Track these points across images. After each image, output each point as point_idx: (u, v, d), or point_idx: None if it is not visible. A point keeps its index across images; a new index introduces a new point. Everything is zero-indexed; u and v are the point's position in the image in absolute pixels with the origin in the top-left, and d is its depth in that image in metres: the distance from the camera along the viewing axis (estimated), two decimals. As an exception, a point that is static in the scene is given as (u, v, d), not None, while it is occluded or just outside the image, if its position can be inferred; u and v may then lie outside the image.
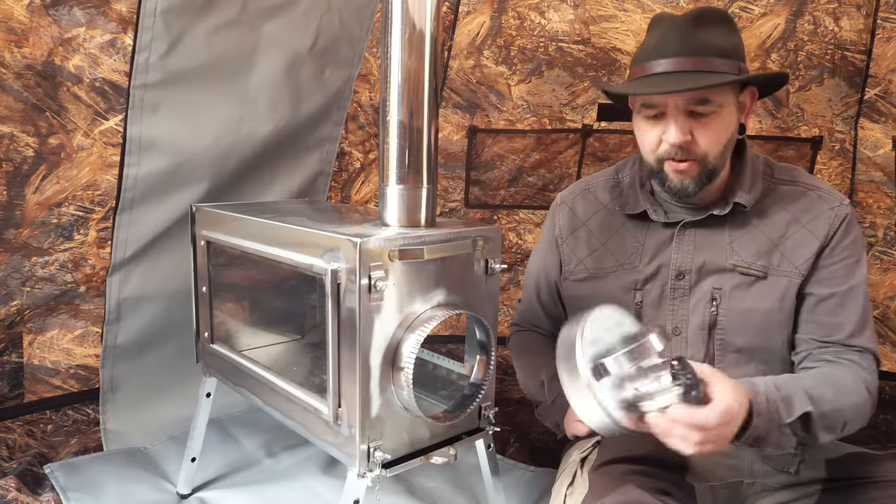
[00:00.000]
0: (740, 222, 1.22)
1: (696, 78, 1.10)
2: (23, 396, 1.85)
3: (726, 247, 1.22)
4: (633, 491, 1.03)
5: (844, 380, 1.11)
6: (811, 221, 1.20)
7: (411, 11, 1.08)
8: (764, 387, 1.03)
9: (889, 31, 2.10)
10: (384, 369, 1.07)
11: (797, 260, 1.19)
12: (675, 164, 1.17)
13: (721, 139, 1.16)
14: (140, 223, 1.77)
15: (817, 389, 1.07)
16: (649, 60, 1.16)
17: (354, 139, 2.32)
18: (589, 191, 1.40)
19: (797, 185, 1.24)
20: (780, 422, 1.01)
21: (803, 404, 1.03)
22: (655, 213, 1.26)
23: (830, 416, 1.06)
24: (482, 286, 1.21)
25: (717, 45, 1.12)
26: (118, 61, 1.67)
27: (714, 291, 1.21)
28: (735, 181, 1.23)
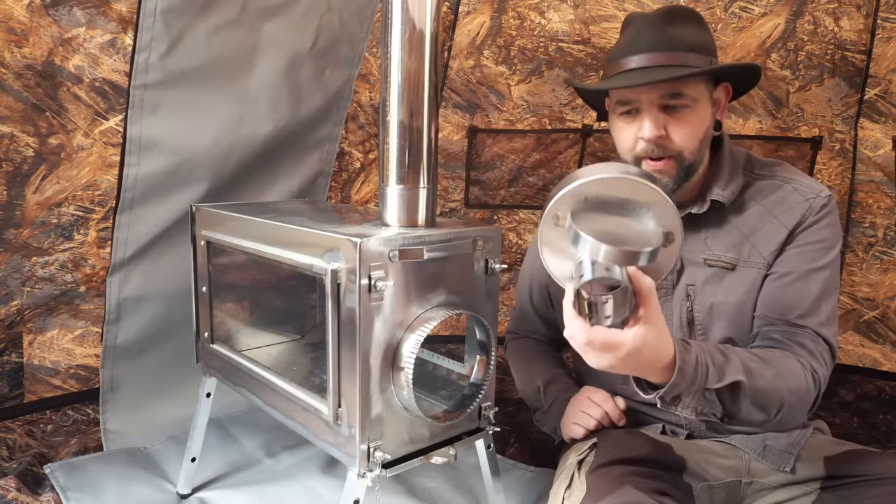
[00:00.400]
0: (717, 219, 1.23)
1: (669, 71, 1.11)
2: (23, 396, 1.85)
3: (701, 243, 1.23)
4: (630, 492, 1.03)
5: (788, 363, 1.09)
6: (784, 213, 1.19)
7: (411, 11, 1.08)
8: (697, 348, 1.00)
9: (889, 31, 2.10)
10: (384, 369, 1.07)
11: (766, 250, 1.19)
12: (651, 163, 1.17)
13: (696, 133, 1.16)
14: (140, 223, 1.77)
15: (757, 365, 1.05)
16: (622, 57, 1.17)
17: (354, 139, 2.32)
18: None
19: (775, 178, 1.24)
20: (706, 385, 0.99)
21: (736, 373, 1.01)
22: None
23: (765, 394, 1.03)
24: (482, 286, 1.21)
25: (688, 41, 1.14)
26: (118, 61, 1.67)
27: (688, 287, 1.22)
28: (712, 178, 1.23)
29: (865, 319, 2.31)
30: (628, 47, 1.17)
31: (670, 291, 1.25)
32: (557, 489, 1.23)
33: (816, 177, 2.29)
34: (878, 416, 2.14)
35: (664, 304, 1.24)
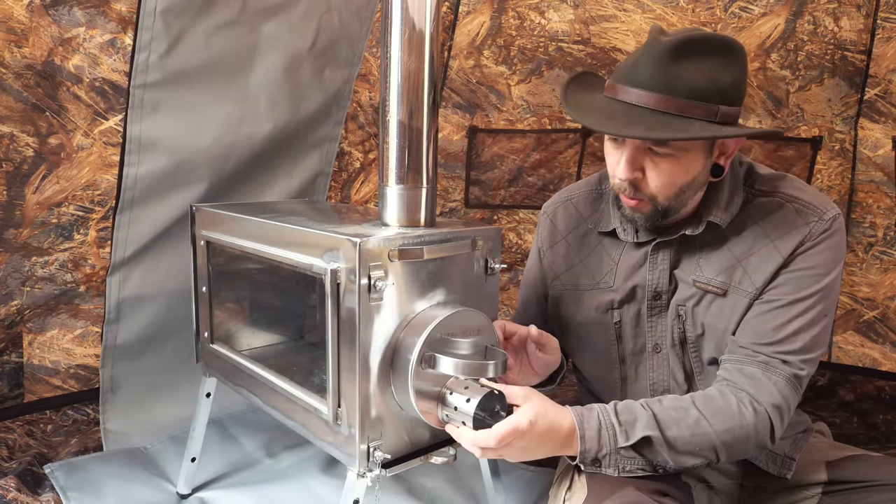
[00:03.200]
0: (712, 238, 1.16)
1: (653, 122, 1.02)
2: (23, 396, 1.85)
3: (694, 263, 1.17)
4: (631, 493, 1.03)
5: (719, 403, 1.04)
6: (780, 237, 1.10)
7: (411, 11, 1.07)
8: (600, 411, 1.03)
9: (889, 31, 2.10)
10: (384, 369, 1.07)
11: (758, 279, 1.11)
12: (625, 197, 1.13)
13: (675, 183, 1.08)
14: (140, 223, 1.77)
15: (674, 413, 1.03)
16: (619, 82, 1.08)
17: (354, 139, 2.32)
18: (570, 202, 1.36)
19: (776, 195, 1.14)
20: (618, 445, 1.00)
21: (646, 429, 1.01)
22: (625, 232, 1.23)
23: (688, 441, 1.01)
24: (482, 286, 1.21)
25: (693, 84, 1.01)
26: (118, 61, 1.67)
27: (679, 308, 1.18)
28: (710, 199, 1.15)
29: (865, 319, 2.31)
30: (628, 73, 1.07)
31: (664, 310, 1.21)
32: (558, 490, 1.22)
33: (816, 177, 2.29)
34: (878, 416, 2.14)
35: (657, 322, 1.22)
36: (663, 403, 1.05)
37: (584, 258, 1.30)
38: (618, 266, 1.25)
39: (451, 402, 1.05)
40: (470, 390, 1.04)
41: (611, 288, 1.25)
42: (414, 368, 1.04)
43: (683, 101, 1.01)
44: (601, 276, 1.27)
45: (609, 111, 1.07)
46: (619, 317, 1.25)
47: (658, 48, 1.02)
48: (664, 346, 1.22)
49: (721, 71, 1.03)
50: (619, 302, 1.24)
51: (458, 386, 1.06)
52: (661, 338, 1.22)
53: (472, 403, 1.02)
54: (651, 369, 1.24)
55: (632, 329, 1.24)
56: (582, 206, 1.34)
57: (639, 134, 1.02)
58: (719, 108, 1.02)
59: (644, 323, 1.23)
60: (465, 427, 1.00)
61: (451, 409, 1.05)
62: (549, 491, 1.33)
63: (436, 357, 1.03)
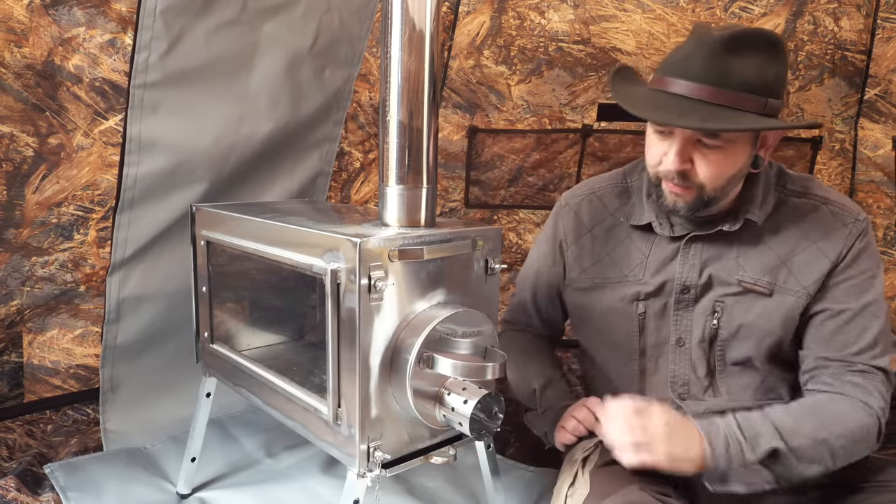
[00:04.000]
0: (749, 236, 1.18)
1: (706, 113, 1.03)
2: (23, 396, 1.85)
3: (733, 261, 1.18)
4: (634, 492, 1.03)
5: (833, 408, 1.08)
6: (822, 239, 1.14)
7: (411, 11, 1.07)
8: (724, 426, 1.05)
9: (889, 31, 2.10)
10: (384, 369, 1.07)
11: (805, 279, 1.14)
12: (671, 185, 1.14)
13: (724, 173, 1.10)
14: (140, 223, 1.77)
15: (793, 422, 1.06)
16: (669, 75, 1.09)
17: (354, 139, 2.32)
18: (595, 195, 1.36)
19: (809, 197, 1.19)
20: (745, 459, 1.01)
21: (770, 441, 1.03)
22: (661, 226, 1.23)
23: (810, 449, 1.04)
24: (482, 286, 1.21)
25: (744, 78, 1.04)
26: (118, 61, 1.67)
27: (716, 304, 1.19)
28: (747, 196, 1.18)
29: (865, 319, 2.31)
30: (678, 66, 1.08)
31: (691, 304, 1.21)
32: (561, 486, 1.23)
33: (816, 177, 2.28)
34: (878, 416, 2.13)
35: (683, 316, 1.22)
36: (777, 413, 1.07)
37: (611, 251, 1.30)
38: (648, 259, 1.25)
39: (448, 402, 1.06)
40: (468, 391, 1.04)
41: (639, 280, 1.25)
42: (412, 369, 1.04)
43: (735, 94, 1.03)
44: (629, 268, 1.27)
45: (660, 103, 1.08)
46: (643, 308, 1.25)
47: (710, 42, 1.04)
48: (687, 341, 1.22)
49: (768, 65, 1.05)
50: (645, 294, 1.25)
51: (456, 387, 1.06)
52: (685, 332, 1.22)
53: (470, 405, 1.02)
54: (673, 363, 1.24)
55: (656, 321, 1.25)
56: (608, 199, 1.34)
57: (694, 124, 1.03)
58: (768, 101, 1.05)
59: (669, 316, 1.23)
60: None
61: (449, 409, 1.05)
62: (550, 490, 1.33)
63: (434, 357, 1.03)
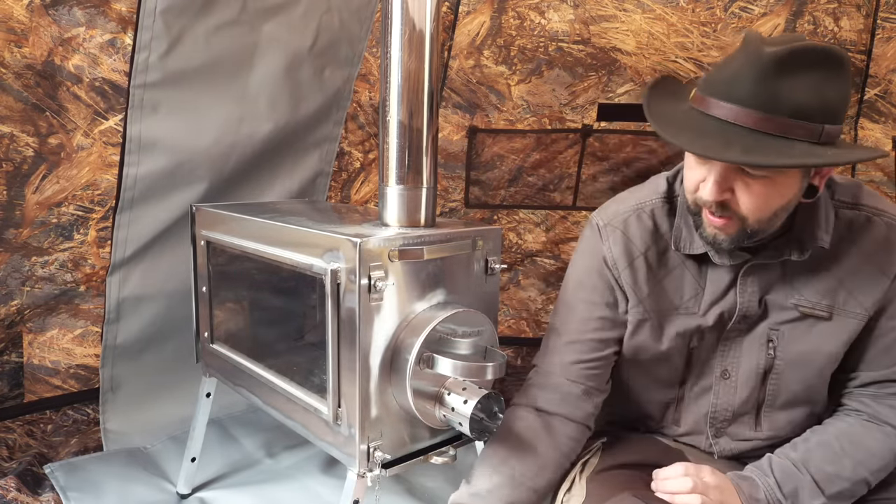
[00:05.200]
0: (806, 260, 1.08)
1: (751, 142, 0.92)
2: (23, 396, 1.85)
3: (788, 285, 1.10)
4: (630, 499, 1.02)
5: (867, 441, 1.06)
6: (879, 254, 1.06)
7: (411, 11, 1.08)
8: (765, 488, 1.03)
9: (889, 31, 2.10)
10: (384, 369, 1.07)
11: (866, 300, 1.07)
12: (710, 216, 1.02)
13: (769, 206, 0.99)
14: (140, 223, 1.77)
15: (831, 468, 1.04)
16: (712, 96, 0.96)
17: (354, 139, 2.32)
18: (644, 212, 1.18)
19: (861, 209, 1.09)
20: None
21: (811, 497, 1.02)
22: (720, 256, 1.10)
23: (848, 491, 1.04)
24: (482, 286, 1.21)
25: (797, 102, 0.91)
26: (118, 61, 1.67)
27: (771, 333, 1.11)
28: (809, 219, 1.07)
29: (865, 319, 2.31)
30: (724, 86, 0.95)
31: (743, 334, 1.13)
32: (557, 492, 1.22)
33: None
34: (878, 416, 2.13)
35: (730, 347, 1.14)
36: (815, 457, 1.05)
37: (664, 278, 1.16)
38: (705, 290, 1.14)
39: (448, 402, 1.05)
40: (468, 391, 1.04)
41: (695, 314, 1.14)
42: (412, 369, 1.04)
43: (785, 121, 0.91)
44: (682, 300, 1.15)
45: (701, 128, 0.96)
46: (697, 342, 1.16)
47: (760, 60, 0.91)
48: (734, 374, 1.15)
49: (827, 86, 0.92)
50: (705, 329, 1.14)
51: (456, 387, 1.06)
52: (731, 363, 1.15)
53: (470, 405, 1.02)
54: (716, 395, 1.17)
55: (706, 353, 1.17)
56: (658, 218, 1.17)
57: (735, 157, 0.92)
58: (823, 128, 0.92)
59: (718, 348, 1.15)
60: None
61: (449, 409, 1.05)
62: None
63: (434, 357, 1.03)
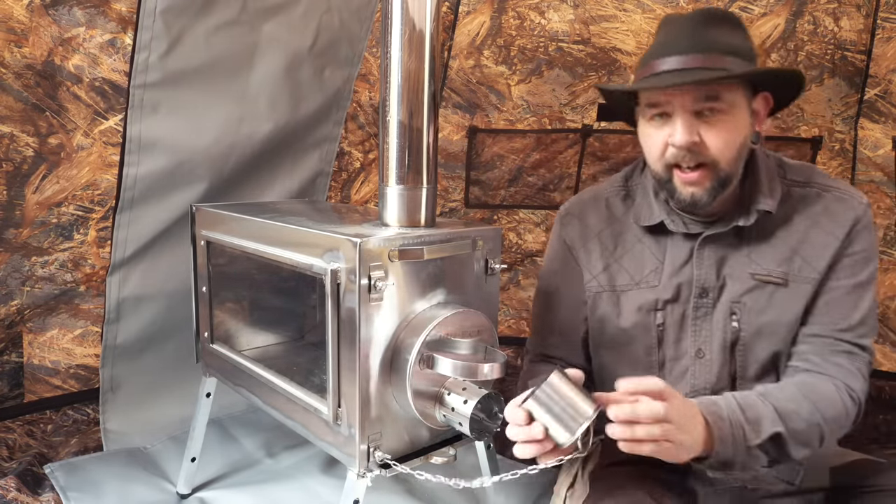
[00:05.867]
0: (760, 230, 1.16)
1: (706, 73, 1.04)
2: (23, 396, 1.85)
3: (745, 258, 1.16)
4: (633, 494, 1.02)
5: (822, 390, 1.07)
6: (831, 224, 1.14)
7: (411, 11, 1.07)
8: (727, 410, 1.00)
9: (889, 31, 2.10)
10: (384, 369, 1.07)
11: (819, 263, 1.13)
12: (684, 174, 1.09)
13: (733, 142, 1.08)
14: (140, 223, 1.77)
15: (791, 405, 1.03)
16: (656, 58, 1.09)
17: (354, 139, 2.32)
18: (599, 200, 1.31)
19: (813, 186, 1.18)
20: (747, 444, 0.99)
21: (773, 424, 1.00)
22: (674, 223, 1.19)
23: (805, 433, 1.03)
24: (482, 286, 1.21)
25: (728, 43, 1.07)
26: (118, 61, 1.67)
27: (733, 305, 1.16)
28: (754, 186, 1.16)
29: (865, 319, 2.31)
30: (663, 48, 1.10)
31: (710, 310, 1.17)
32: (560, 488, 1.22)
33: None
34: (878, 416, 2.13)
35: (702, 325, 1.18)
36: (774, 396, 1.05)
37: (620, 258, 1.25)
38: (664, 263, 1.21)
39: (448, 402, 1.05)
40: (468, 391, 1.04)
41: (655, 287, 1.21)
42: (412, 369, 1.04)
43: (726, 57, 1.06)
44: (642, 275, 1.22)
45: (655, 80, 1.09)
46: (662, 319, 1.21)
47: (685, 19, 1.11)
48: (707, 351, 1.18)
49: (742, 36, 1.11)
50: (663, 302, 1.20)
51: (456, 387, 1.06)
52: (705, 342, 1.18)
53: (470, 405, 1.02)
54: (693, 375, 1.20)
55: (675, 332, 1.20)
56: (612, 204, 1.29)
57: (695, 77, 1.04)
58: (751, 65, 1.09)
59: (688, 326, 1.19)
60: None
61: (449, 409, 1.05)
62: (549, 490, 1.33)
63: (434, 357, 1.03)
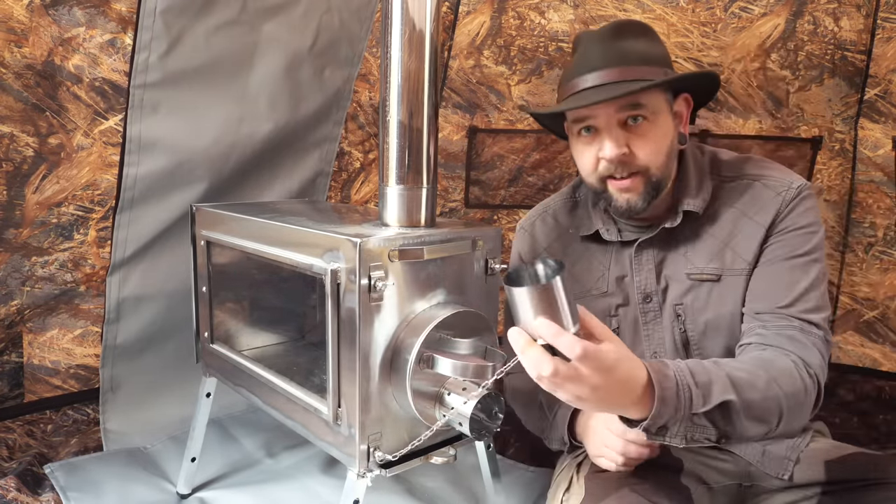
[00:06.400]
0: (693, 230, 1.18)
1: (623, 87, 1.07)
2: (23, 396, 1.85)
3: (682, 258, 1.18)
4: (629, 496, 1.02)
5: (779, 364, 1.00)
6: (757, 212, 1.14)
7: (411, 11, 1.08)
8: (675, 370, 0.90)
9: (889, 31, 2.10)
10: (384, 369, 1.07)
11: (748, 254, 1.14)
12: (617, 182, 1.13)
13: (661, 147, 1.12)
14: (140, 223, 1.77)
15: (746, 374, 0.95)
16: (574, 78, 1.13)
17: (354, 139, 2.32)
18: (547, 213, 1.37)
19: (743, 178, 1.19)
20: (693, 410, 0.88)
21: (724, 392, 0.90)
22: (608, 231, 1.23)
23: (760, 406, 0.94)
24: (482, 286, 1.21)
25: (640, 53, 1.10)
26: (118, 61, 1.67)
27: (677, 308, 1.18)
28: (681, 188, 1.18)
29: (865, 319, 2.31)
30: (580, 66, 1.13)
31: (659, 314, 1.20)
32: (556, 491, 1.22)
33: (816, 177, 2.29)
34: (878, 417, 2.14)
35: (653, 329, 1.21)
36: (730, 363, 0.97)
37: (570, 267, 1.29)
38: (609, 270, 1.25)
39: (448, 402, 1.05)
40: (468, 391, 1.04)
41: (605, 293, 1.24)
42: (412, 368, 1.04)
43: (639, 68, 1.09)
44: (592, 282, 1.26)
45: (577, 98, 1.11)
46: (617, 324, 1.24)
47: (597, 35, 1.13)
48: (661, 354, 1.21)
49: (654, 44, 1.14)
50: (615, 307, 1.24)
51: (456, 387, 1.06)
52: (658, 345, 1.21)
53: (470, 405, 1.01)
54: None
55: (630, 337, 1.23)
56: (560, 215, 1.34)
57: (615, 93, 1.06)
58: (666, 71, 1.11)
59: (640, 331, 1.22)
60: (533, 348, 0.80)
61: (449, 409, 1.05)
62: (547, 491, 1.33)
63: (434, 357, 1.03)
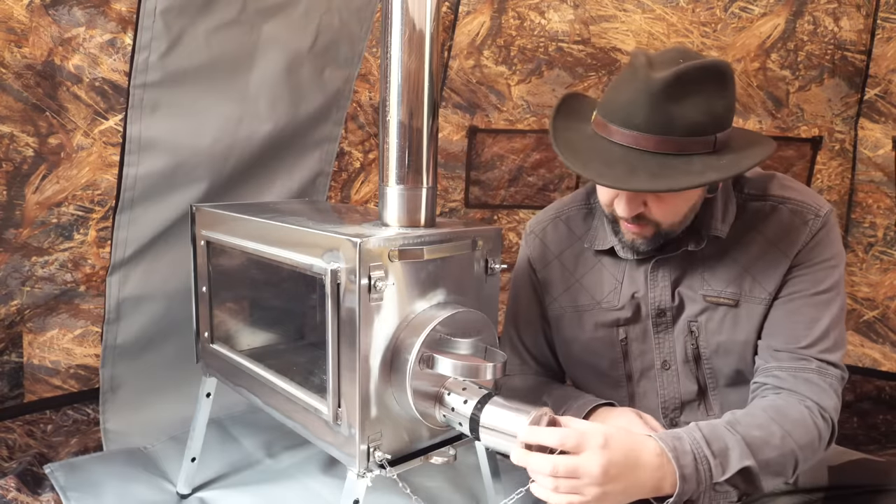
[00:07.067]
0: (713, 251, 1.16)
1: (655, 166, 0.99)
2: (23, 396, 1.85)
3: (699, 278, 1.17)
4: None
5: (793, 414, 1.01)
6: (783, 240, 1.11)
7: (411, 11, 1.07)
8: (691, 443, 0.92)
9: (889, 31, 2.10)
10: (384, 369, 1.07)
11: (769, 284, 1.12)
12: (627, 225, 1.13)
13: (679, 212, 1.10)
14: (140, 223, 1.77)
15: (760, 433, 0.96)
16: (612, 122, 1.03)
17: (354, 139, 2.32)
18: (560, 220, 1.33)
19: (768, 199, 1.15)
20: (714, 480, 0.91)
21: (742, 458, 0.93)
22: (624, 250, 1.21)
23: (777, 462, 0.96)
24: (482, 286, 1.21)
25: (690, 121, 0.99)
26: (118, 61, 1.67)
27: (691, 324, 1.17)
28: (707, 212, 1.15)
29: (865, 319, 2.31)
30: (622, 113, 1.02)
31: (670, 326, 1.20)
32: None
33: (816, 177, 2.29)
34: (878, 417, 2.14)
35: (664, 339, 1.20)
36: (742, 422, 0.98)
37: (581, 277, 1.28)
38: (622, 284, 1.23)
39: (448, 402, 1.05)
40: (468, 391, 1.04)
41: (615, 307, 1.23)
42: (412, 369, 1.04)
43: (683, 140, 0.99)
44: (603, 295, 1.25)
45: (607, 157, 1.02)
46: (624, 334, 1.23)
47: (651, 87, 0.98)
48: (673, 363, 1.20)
49: (715, 100, 1.00)
50: (624, 320, 1.23)
51: (456, 387, 1.06)
52: (669, 354, 1.20)
53: (470, 405, 1.01)
54: (661, 387, 1.22)
55: (639, 346, 1.23)
56: (573, 223, 1.32)
57: (641, 186, 1.00)
58: (716, 138, 1.01)
59: (651, 339, 1.22)
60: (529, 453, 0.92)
61: (449, 409, 1.05)
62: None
63: (434, 357, 1.03)
